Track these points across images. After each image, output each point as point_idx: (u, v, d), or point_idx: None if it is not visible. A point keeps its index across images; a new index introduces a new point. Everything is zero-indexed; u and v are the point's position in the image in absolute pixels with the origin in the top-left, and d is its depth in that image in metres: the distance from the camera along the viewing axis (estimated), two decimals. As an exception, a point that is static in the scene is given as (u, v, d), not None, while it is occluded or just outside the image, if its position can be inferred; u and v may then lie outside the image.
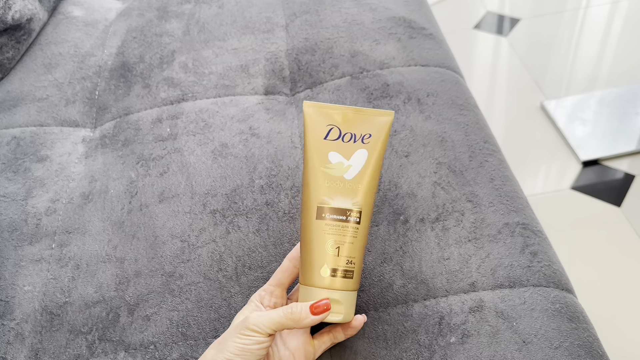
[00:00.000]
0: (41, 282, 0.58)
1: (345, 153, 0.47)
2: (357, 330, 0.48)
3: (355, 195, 0.46)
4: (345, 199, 0.46)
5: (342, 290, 0.45)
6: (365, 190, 0.46)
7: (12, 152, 0.71)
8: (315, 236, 0.46)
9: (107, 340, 0.53)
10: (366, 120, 0.48)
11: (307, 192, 0.47)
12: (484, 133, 0.67)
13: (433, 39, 0.81)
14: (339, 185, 0.46)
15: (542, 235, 0.57)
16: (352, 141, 0.47)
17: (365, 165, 0.47)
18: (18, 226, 0.62)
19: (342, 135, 0.47)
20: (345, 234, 0.46)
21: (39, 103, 0.78)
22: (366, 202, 0.47)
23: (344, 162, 0.47)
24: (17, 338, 0.54)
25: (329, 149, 0.47)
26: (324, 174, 0.47)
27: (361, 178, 0.47)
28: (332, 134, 0.47)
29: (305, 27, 0.83)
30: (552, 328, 0.48)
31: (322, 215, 0.46)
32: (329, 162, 0.47)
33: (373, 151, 0.47)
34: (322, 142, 0.47)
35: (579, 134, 1.31)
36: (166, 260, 0.57)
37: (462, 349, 0.47)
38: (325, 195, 0.46)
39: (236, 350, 0.41)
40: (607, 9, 1.70)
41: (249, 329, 0.41)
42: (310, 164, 0.47)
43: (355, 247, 0.46)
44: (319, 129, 0.48)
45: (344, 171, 0.47)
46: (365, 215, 0.46)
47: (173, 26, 0.87)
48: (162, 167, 0.66)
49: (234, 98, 0.75)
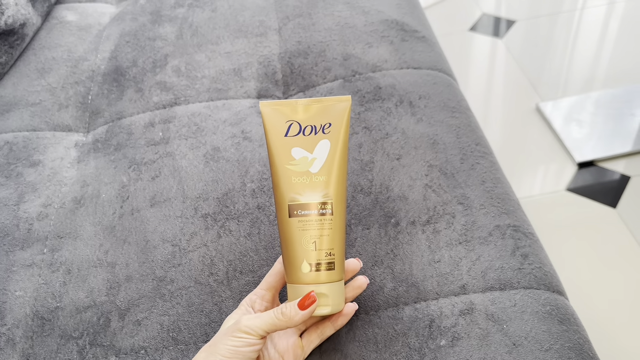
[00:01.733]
0: (32, 287, 0.58)
1: (308, 146, 0.47)
2: (348, 318, 0.48)
3: (324, 187, 0.46)
4: (314, 192, 0.46)
5: (327, 282, 0.45)
6: (333, 180, 0.46)
7: (4, 157, 0.71)
8: (291, 234, 0.46)
9: (98, 345, 0.53)
10: (324, 109, 0.47)
11: (277, 193, 0.47)
12: (476, 135, 0.67)
13: (425, 41, 0.81)
14: (306, 180, 0.46)
15: (533, 238, 0.57)
16: (313, 133, 0.47)
17: (330, 156, 0.46)
18: (10, 231, 0.62)
19: (302, 129, 0.47)
20: (319, 227, 0.45)
21: (32, 108, 0.78)
22: (337, 191, 0.46)
23: (308, 156, 0.46)
24: (8, 343, 0.54)
25: (291, 146, 0.47)
26: (290, 171, 0.46)
27: (327, 169, 0.46)
28: (292, 130, 0.47)
29: (298, 31, 0.83)
30: (543, 330, 0.48)
31: (294, 212, 0.46)
32: (293, 158, 0.46)
33: (335, 140, 0.47)
34: (284, 139, 0.47)
35: (575, 135, 1.31)
36: (157, 265, 0.57)
37: (452, 352, 0.47)
38: (294, 193, 0.46)
39: (227, 353, 0.41)
40: (603, 10, 1.71)
41: (241, 331, 0.42)
42: (275, 163, 0.47)
43: (332, 239, 0.46)
44: (278, 127, 0.47)
45: (309, 165, 0.46)
46: (337, 204, 0.46)
47: (166, 30, 0.87)
48: (154, 172, 0.66)
49: (227, 102, 0.75)
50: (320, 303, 0.45)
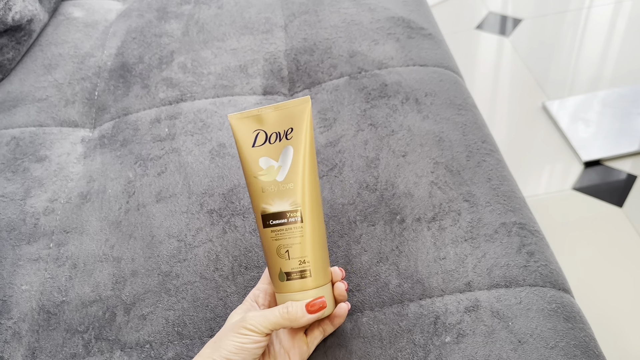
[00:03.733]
0: (39, 282, 0.58)
1: (274, 155, 0.46)
2: (343, 319, 0.48)
3: (291, 195, 0.45)
4: (282, 201, 0.45)
5: (307, 289, 0.45)
6: (299, 187, 0.45)
7: (11, 152, 0.71)
8: (266, 244, 0.46)
9: (103, 339, 0.53)
10: (286, 114, 0.46)
11: (252, 203, 0.47)
12: (482, 133, 0.67)
13: (432, 39, 0.81)
14: (274, 189, 0.45)
15: (539, 235, 0.57)
16: (278, 140, 0.46)
17: (294, 162, 0.45)
18: (16, 226, 0.63)
19: (268, 137, 0.46)
20: (290, 235, 0.45)
21: (39, 103, 0.78)
22: (305, 198, 0.45)
23: (274, 165, 0.46)
24: (14, 337, 0.54)
25: (259, 155, 0.46)
26: (259, 181, 0.46)
27: (292, 176, 0.45)
28: (259, 139, 0.46)
29: (304, 28, 0.83)
30: (548, 328, 0.48)
31: (267, 222, 0.45)
32: (261, 168, 0.46)
33: (298, 145, 0.46)
34: (252, 150, 0.46)
35: (581, 134, 1.31)
36: (163, 260, 0.57)
37: (458, 349, 0.47)
38: (264, 203, 0.45)
39: (234, 349, 0.41)
40: (610, 9, 1.70)
41: (246, 328, 0.42)
42: (247, 175, 0.47)
43: (304, 246, 0.45)
44: (247, 138, 0.47)
45: (276, 174, 0.46)
46: (308, 211, 0.45)
47: (172, 27, 0.87)
48: (159, 167, 0.66)
49: (233, 98, 0.75)
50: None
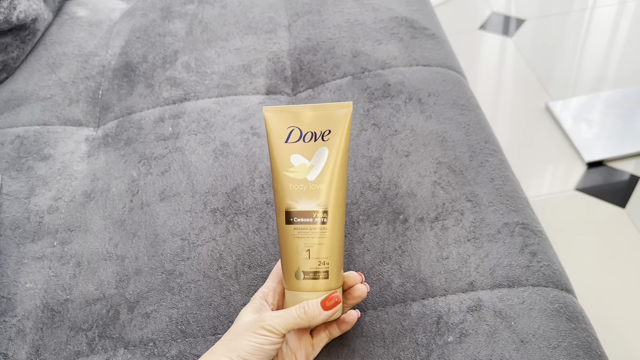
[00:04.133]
0: (43, 280, 0.58)
1: (307, 154, 0.46)
2: (351, 326, 0.48)
3: (319, 195, 0.45)
4: (309, 200, 0.45)
5: (320, 291, 0.45)
6: (329, 189, 0.45)
7: (15, 151, 0.71)
8: (286, 241, 0.46)
9: (107, 337, 0.53)
10: (325, 116, 0.46)
11: (276, 198, 0.47)
12: (485, 133, 0.67)
13: (435, 39, 0.81)
14: (303, 187, 0.45)
15: (542, 235, 0.57)
16: (313, 140, 0.46)
17: (327, 163, 0.45)
18: (21, 224, 0.63)
19: (303, 135, 0.46)
20: (313, 235, 0.45)
21: (43, 102, 0.79)
22: (332, 200, 0.46)
23: (306, 163, 0.46)
24: (18, 334, 0.54)
25: (291, 152, 0.46)
26: (288, 178, 0.46)
27: (323, 177, 0.45)
28: (293, 136, 0.46)
29: (307, 27, 0.83)
30: (551, 328, 0.48)
31: (290, 219, 0.45)
32: (292, 165, 0.46)
33: (334, 147, 0.46)
34: (284, 145, 0.46)
35: (584, 135, 1.31)
36: (166, 259, 0.58)
37: (460, 348, 0.47)
38: (291, 200, 0.45)
39: (251, 350, 0.42)
40: (614, 10, 1.70)
41: (265, 329, 0.42)
42: (275, 169, 0.47)
43: (325, 248, 0.45)
44: (280, 133, 0.47)
45: (307, 172, 0.45)
46: (333, 214, 0.45)
47: (176, 26, 0.87)
48: (163, 166, 0.66)
49: (236, 98, 0.75)
50: None
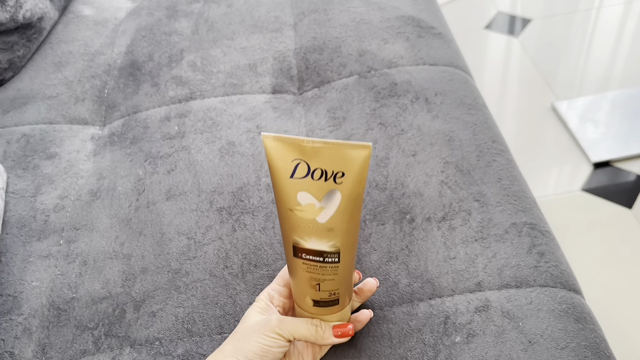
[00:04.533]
0: (49, 278, 0.58)
1: (316, 193, 0.40)
2: (363, 325, 0.49)
3: (331, 238, 0.41)
4: (320, 241, 0.42)
5: (330, 314, 0.46)
6: (342, 233, 0.42)
7: (21, 150, 0.71)
8: (295, 270, 0.44)
9: (113, 335, 0.53)
10: (338, 154, 0.39)
11: (282, 229, 0.43)
12: (492, 132, 0.67)
13: (442, 38, 0.81)
14: (312, 227, 0.41)
15: (549, 236, 0.56)
16: (324, 179, 0.40)
17: (340, 208, 0.41)
18: (27, 222, 0.63)
19: (311, 171, 0.40)
20: (323, 272, 0.43)
21: (49, 101, 0.79)
22: (345, 242, 0.42)
23: (315, 204, 0.40)
24: (24, 333, 0.54)
25: (297, 189, 0.41)
26: (295, 215, 0.41)
27: (336, 221, 0.41)
28: (299, 171, 0.40)
29: (313, 26, 0.83)
30: (559, 328, 0.48)
31: (298, 254, 0.43)
32: (299, 203, 0.41)
33: (347, 192, 0.40)
34: (289, 181, 0.41)
35: (591, 135, 1.30)
36: (172, 257, 0.58)
37: (467, 349, 0.47)
38: (298, 237, 0.42)
39: (259, 351, 0.42)
40: (620, 10, 1.69)
41: (276, 332, 0.43)
42: (280, 204, 0.42)
43: (336, 282, 0.44)
44: (284, 166, 0.41)
45: (316, 214, 0.41)
46: (345, 252, 0.43)
47: (182, 25, 0.87)
48: (169, 165, 0.66)
49: (242, 97, 0.75)
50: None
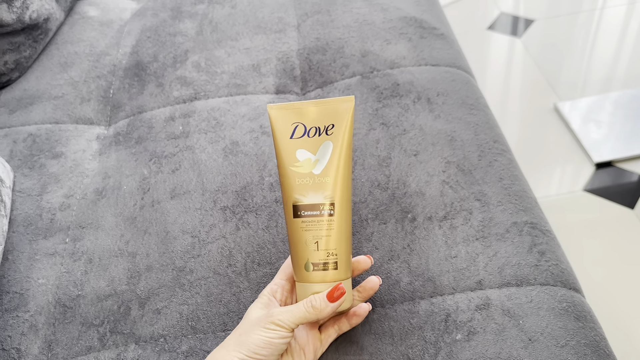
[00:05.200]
0: (55, 276, 0.59)
1: (312, 148, 0.47)
2: (362, 319, 0.49)
3: (326, 188, 0.47)
4: (316, 193, 0.47)
5: (330, 282, 0.46)
6: (334, 182, 0.47)
7: (28, 149, 0.72)
8: (295, 234, 0.47)
9: (118, 332, 0.54)
10: (328, 110, 0.48)
11: (283, 193, 0.48)
12: (494, 133, 0.67)
13: (444, 38, 0.81)
14: (309, 181, 0.47)
15: (550, 235, 0.57)
16: (317, 135, 0.47)
17: (332, 157, 0.47)
18: (33, 221, 0.64)
19: (307, 130, 0.48)
20: (321, 228, 0.46)
21: (55, 101, 0.79)
22: (339, 192, 0.47)
23: (311, 158, 0.47)
24: (31, 329, 0.55)
25: (296, 147, 0.48)
26: (294, 172, 0.47)
27: (329, 170, 0.47)
28: (297, 132, 0.48)
29: (316, 27, 0.84)
30: (559, 326, 0.48)
31: (297, 213, 0.47)
32: (297, 160, 0.47)
33: (338, 141, 0.47)
34: (289, 141, 0.48)
35: (593, 135, 1.30)
36: (177, 255, 0.58)
37: (468, 346, 0.47)
38: (297, 194, 0.47)
39: (262, 344, 0.42)
40: (623, 10, 1.69)
41: (274, 323, 0.43)
42: (281, 165, 0.48)
43: (334, 239, 0.46)
44: (284, 130, 0.48)
45: (312, 166, 0.47)
46: (340, 205, 0.47)
47: (186, 26, 0.88)
48: (174, 165, 0.67)
49: (246, 97, 0.75)
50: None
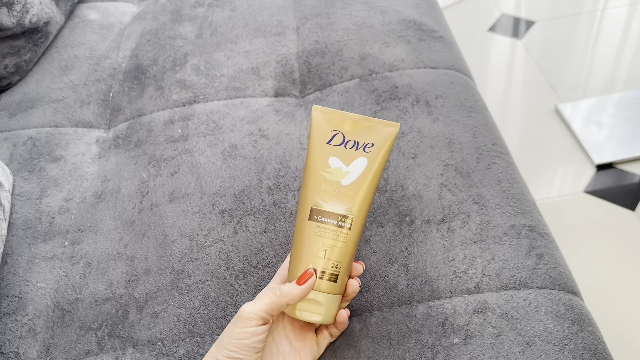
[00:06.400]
0: (53, 279, 0.59)
1: (346, 159, 0.47)
2: (345, 324, 0.49)
3: (350, 201, 0.47)
4: (338, 203, 0.46)
5: (326, 292, 0.46)
6: (360, 198, 0.47)
7: (27, 152, 0.73)
8: (306, 237, 0.47)
9: (116, 336, 0.54)
10: (371, 129, 0.48)
11: (304, 193, 0.48)
12: (493, 135, 0.67)
13: (443, 41, 0.81)
14: (335, 190, 0.47)
15: (548, 238, 0.57)
16: (354, 149, 0.48)
17: (364, 174, 0.47)
18: (32, 224, 0.64)
19: (345, 141, 0.48)
20: (334, 237, 0.46)
21: (55, 104, 0.80)
22: (360, 210, 0.47)
23: (342, 168, 0.47)
24: (29, 333, 0.55)
25: (330, 154, 0.48)
26: (322, 177, 0.47)
27: (357, 186, 0.47)
28: (335, 139, 0.48)
29: (315, 30, 0.84)
30: (557, 330, 0.48)
31: (314, 217, 0.46)
32: (329, 166, 0.47)
33: (373, 161, 0.47)
34: (325, 146, 0.48)
35: (594, 137, 1.30)
36: (175, 259, 0.58)
37: (465, 350, 0.47)
38: (320, 198, 0.47)
39: (233, 347, 0.42)
40: (625, 12, 1.69)
41: (243, 318, 0.42)
42: (311, 165, 0.48)
43: (343, 252, 0.46)
44: (324, 133, 0.48)
45: (342, 177, 0.47)
46: (357, 223, 0.47)
47: (186, 29, 0.88)
48: (172, 168, 0.67)
49: (245, 100, 0.75)
50: (314, 310, 0.46)
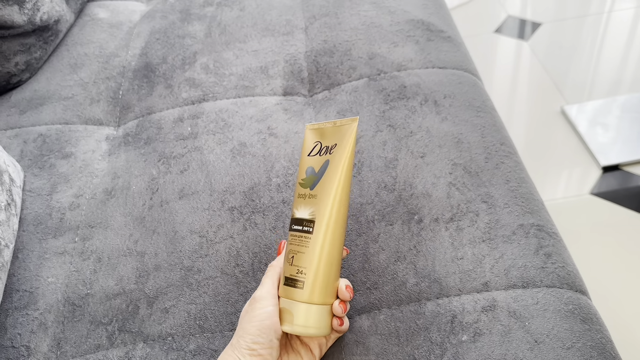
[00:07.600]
0: (64, 274, 0.59)
1: (317, 165, 0.48)
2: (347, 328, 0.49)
3: (313, 205, 0.46)
4: (305, 209, 0.47)
5: (292, 299, 0.45)
6: (323, 200, 0.46)
7: (38, 149, 0.73)
8: (287, 248, 0.48)
9: (126, 331, 0.54)
10: (337, 130, 0.49)
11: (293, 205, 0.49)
12: (501, 135, 0.67)
13: (451, 41, 0.82)
14: (305, 196, 0.47)
15: (557, 237, 0.57)
16: (325, 153, 0.48)
17: (326, 175, 0.47)
18: (43, 220, 0.64)
19: (320, 149, 0.49)
20: (298, 243, 0.46)
21: (65, 102, 0.80)
22: (324, 212, 0.46)
23: (314, 175, 0.48)
24: (40, 327, 0.56)
25: (307, 164, 0.49)
26: (298, 187, 0.49)
27: (320, 188, 0.47)
28: (314, 150, 0.49)
29: (324, 30, 0.84)
30: (565, 329, 0.48)
31: (291, 226, 0.48)
32: (305, 175, 0.48)
33: (334, 160, 0.47)
34: (306, 158, 0.49)
35: (600, 139, 1.30)
36: (185, 255, 0.59)
37: (474, 347, 0.48)
38: (295, 208, 0.48)
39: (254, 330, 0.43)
40: (631, 14, 1.68)
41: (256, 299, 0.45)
42: (297, 180, 0.50)
43: (305, 257, 0.45)
44: (308, 147, 0.50)
45: (311, 183, 0.48)
46: (321, 225, 0.45)
47: (195, 28, 0.89)
48: (182, 165, 0.68)
49: (253, 99, 0.76)
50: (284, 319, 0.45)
